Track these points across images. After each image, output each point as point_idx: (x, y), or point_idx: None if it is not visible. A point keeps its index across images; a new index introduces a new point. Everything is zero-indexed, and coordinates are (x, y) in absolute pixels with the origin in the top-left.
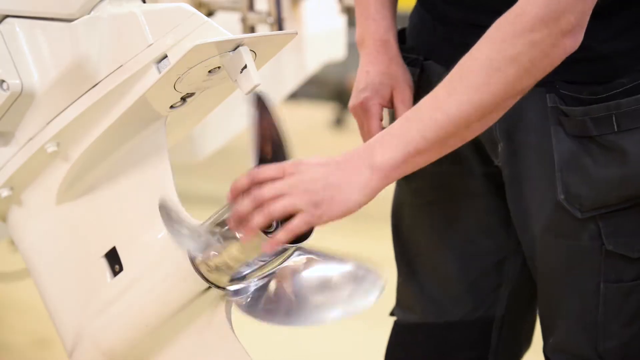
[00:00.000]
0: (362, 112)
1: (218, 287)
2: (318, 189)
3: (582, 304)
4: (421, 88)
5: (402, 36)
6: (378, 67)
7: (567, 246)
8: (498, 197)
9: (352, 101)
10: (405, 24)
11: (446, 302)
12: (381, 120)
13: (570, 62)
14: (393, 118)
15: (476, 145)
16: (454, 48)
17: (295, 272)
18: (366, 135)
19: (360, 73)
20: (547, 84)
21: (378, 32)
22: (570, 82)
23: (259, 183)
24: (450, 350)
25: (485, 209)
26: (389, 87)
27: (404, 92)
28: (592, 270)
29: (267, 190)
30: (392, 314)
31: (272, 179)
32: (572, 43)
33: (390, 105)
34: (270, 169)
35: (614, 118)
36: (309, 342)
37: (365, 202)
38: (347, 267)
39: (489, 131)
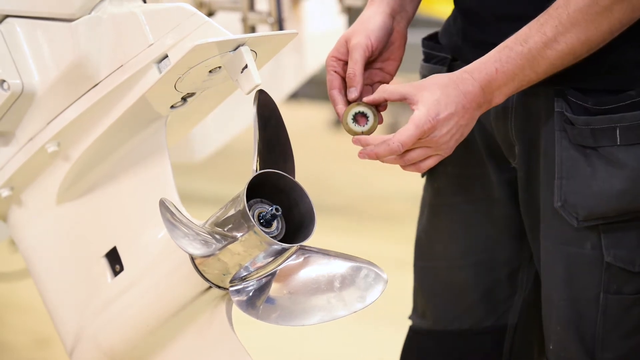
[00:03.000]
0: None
1: (218, 286)
2: (451, 137)
3: (580, 313)
4: None
5: (437, 38)
6: (353, 26)
7: (568, 253)
8: (515, 205)
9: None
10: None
11: (458, 309)
12: (335, 71)
13: (583, 70)
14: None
15: (492, 151)
16: (473, 47)
17: (295, 271)
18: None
19: None
20: (558, 88)
21: (368, 11)
22: (579, 90)
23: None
24: (462, 358)
25: (503, 217)
26: (343, 39)
27: (355, 43)
28: (592, 279)
29: (416, 155)
30: (410, 317)
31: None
32: None
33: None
34: (411, 136)
35: (617, 131)
36: (311, 342)
37: None
38: (348, 266)
39: (505, 132)
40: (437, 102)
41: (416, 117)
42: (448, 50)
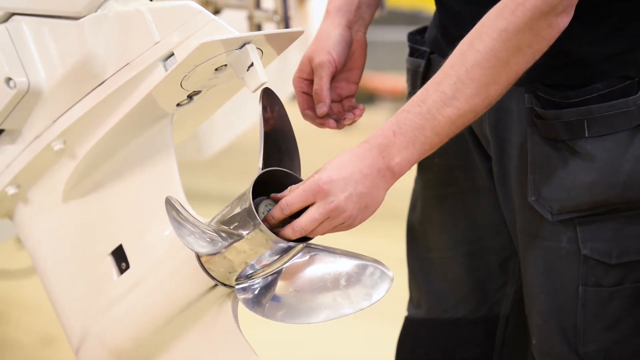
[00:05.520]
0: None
1: (224, 284)
2: (354, 205)
3: (561, 306)
4: (426, 80)
5: (423, 32)
6: (313, 45)
7: (546, 247)
8: None
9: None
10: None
11: (451, 299)
12: (302, 92)
13: (549, 66)
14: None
15: (477, 141)
16: (451, 42)
17: (301, 269)
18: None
19: None
20: (528, 84)
21: (331, 3)
22: (548, 85)
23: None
24: (454, 347)
25: (492, 205)
26: (306, 58)
27: (319, 61)
28: (571, 272)
29: (308, 224)
30: (407, 308)
31: (305, 206)
32: (566, 20)
33: (312, 76)
34: (299, 198)
35: (585, 123)
36: (316, 339)
37: None
38: (353, 265)
39: (481, 128)
40: (331, 168)
41: (307, 180)
42: (428, 44)
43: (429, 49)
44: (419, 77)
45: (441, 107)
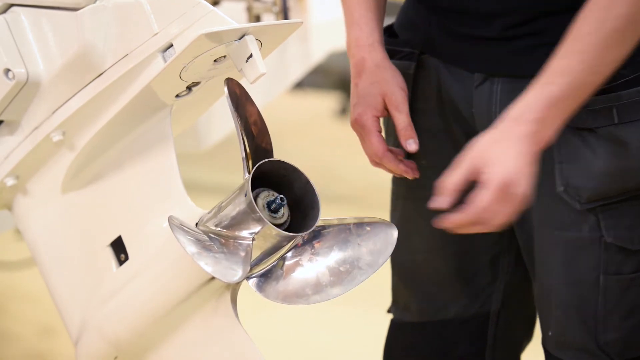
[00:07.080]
0: (360, 128)
1: None
2: (519, 190)
3: (581, 296)
4: (418, 83)
5: (392, 30)
6: (365, 78)
7: (566, 238)
8: None
9: (350, 118)
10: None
11: (441, 299)
12: (380, 131)
13: None
14: (388, 124)
15: (470, 141)
16: (452, 39)
17: (304, 251)
18: (369, 149)
19: (351, 86)
20: None
21: (362, 37)
22: None
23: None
24: (447, 347)
25: None
26: (379, 96)
27: (396, 97)
28: (591, 261)
29: (486, 214)
30: (389, 311)
31: (464, 182)
32: None
33: (386, 113)
34: (458, 177)
35: (614, 110)
36: (317, 330)
37: None
38: (356, 230)
39: (489, 121)
40: (511, 156)
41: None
42: (416, 44)
43: (418, 50)
44: (410, 80)
45: (585, 76)
